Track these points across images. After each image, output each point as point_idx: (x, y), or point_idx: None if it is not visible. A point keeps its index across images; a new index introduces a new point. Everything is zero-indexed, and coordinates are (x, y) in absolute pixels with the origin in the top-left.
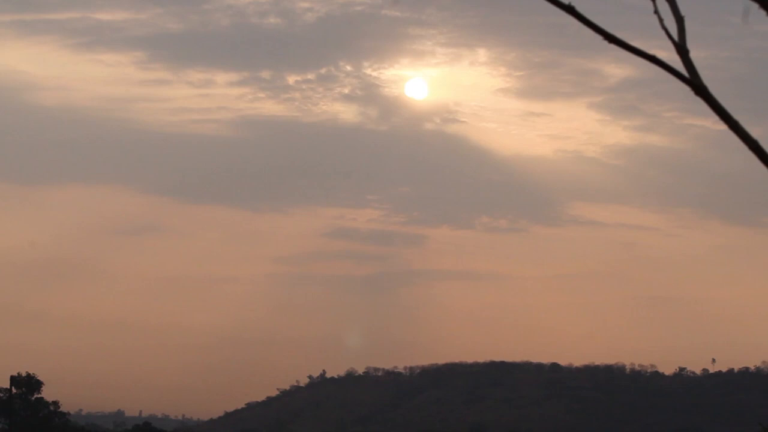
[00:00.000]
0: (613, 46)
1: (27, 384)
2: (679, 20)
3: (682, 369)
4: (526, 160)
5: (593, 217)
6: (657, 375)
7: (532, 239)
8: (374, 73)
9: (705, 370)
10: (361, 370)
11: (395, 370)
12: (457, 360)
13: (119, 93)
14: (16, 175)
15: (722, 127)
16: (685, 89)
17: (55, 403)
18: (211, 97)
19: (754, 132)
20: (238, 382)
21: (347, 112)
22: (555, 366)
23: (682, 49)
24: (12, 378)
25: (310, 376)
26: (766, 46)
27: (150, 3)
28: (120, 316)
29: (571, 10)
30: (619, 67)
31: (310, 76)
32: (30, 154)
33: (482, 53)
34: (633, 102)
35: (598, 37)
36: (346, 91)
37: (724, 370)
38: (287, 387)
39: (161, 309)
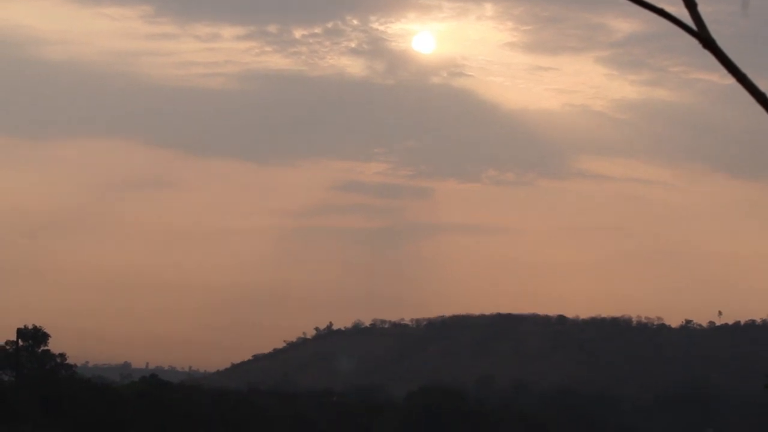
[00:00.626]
0: (621, 0)
1: (33, 337)
2: None
3: (688, 321)
4: (533, 114)
5: (600, 171)
6: (663, 327)
7: (539, 192)
8: (381, 27)
9: (711, 323)
10: (367, 323)
11: (402, 323)
12: (463, 312)
13: (125, 47)
14: (22, 130)
15: (730, 81)
16: (693, 43)
17: (62, 356)
18: (218, 51)
19: (762, 85)
20: (244, 334)
21: (354, 66)
22: (561, 318)
23: (690, 3)
24: (19, 331)
25: (316, 329)
26: None
27: None
28: (127, 268)
29: None
30: (626, 22)
31: (317, 30)
32: (36, 109)
33: (489, 7)
34: (640, 56)
35: None
36: (353, 45)
37: (730, 322)
38: (294, 339)
39: (168, 262)
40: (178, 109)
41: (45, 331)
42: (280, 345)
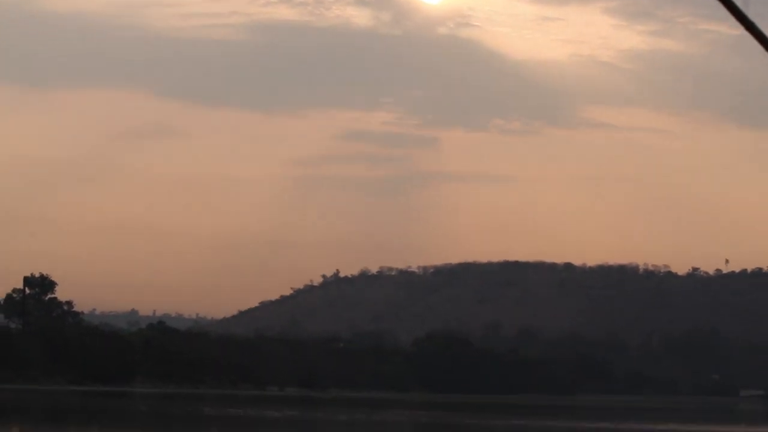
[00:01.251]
0: None
1: (40, 284)
2: None
3: (695, 269)
4: (540, 64)
5: (607, 120)
6: (670, 275)
7: (545, 141)
8: None
9: (718, 270)
10: (374, 270)
11: (409, 270)
12: (470, 259)
13: None
14: (30, 79)
15: (738, 32)
16: None
17: (69, 303)
18: (224, 2)
19: None
20: (251, 281)
21: (360, 17)
22: (568, 266)
23: None
24: (26, 279)
25: (323, 276)
26: None
27: None
28: (134, 217)
29: None
30: None
31: None
32: (43, 60)
33: None
34: (648, 7)
35: None
36: None
37: (736, 270)
38: (301, 286)
39: (175, 210)
40: (184, 60)
41: (52, 279)
42: (287, 292)
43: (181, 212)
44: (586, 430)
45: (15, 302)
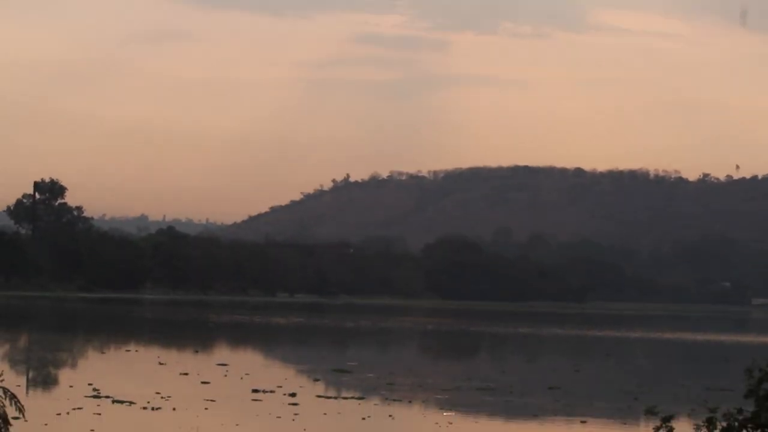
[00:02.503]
0: None
1: (50, 189)
2: None
3: (705, 175)
4: None
5: (618, 24)
6: (681, 180)
7: (555, 45)
8: None
9: (729, 176)
10: (384, 174)
11: (419, 174)
12: (481, 164)
13: None
14: None
15: None
16: None
17: (79, 209)
18: None
19: None
20: (261, 186)
21: None
22: (578, 171)
23: None
24: (35, 183)
25: (333, 180)
26: None
27: None
28: (143, 120)
29: None
30: None
31: None
32: None
33: None
34: None
35: None
36: None
37: (747, 176)
38: (311, 191)
39: (185, 113)
40: None
41: (62, 184)
42: (297, 197)
43: (190, 116)
44: (593, 339)
45: (25, 208)
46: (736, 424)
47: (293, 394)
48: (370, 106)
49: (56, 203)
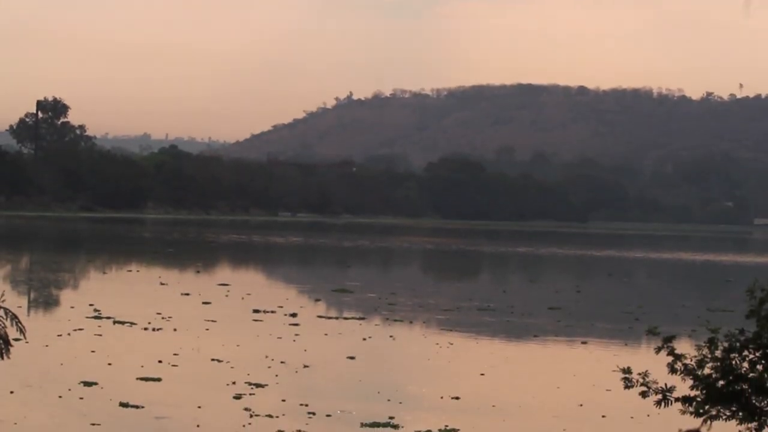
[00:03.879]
0: None
1: (53, 108)
2: None
3: (709, 94)
4: None
5: None
6: (684, 99)
7: None
8: None
9: (732, 95)
10: (387, 92)
11: (422, 92)
12: (484, 82)
13: None
14: None
15: None
16: None
17: (82, 128)
18: None
19: None
20: (264, 104)
21: None
22: (582, 89)
23: None
24: (38, 103)
25: (336, 98)
26: None
27: None
28: (145, 38)
29: None
30: None
31: None
32: None
33: None
34: None
35: None
36: None
37: (751, 95)
38: (314, 109)
39: (188, 33)
40: None
41: (65, 103)
42: (300, 115)
43: (194, 35)
44: (595, 259)
45: (28, 127)
46: (738, 344)
47: (294, 315)
48: (372, 24)
49: (59, 122)
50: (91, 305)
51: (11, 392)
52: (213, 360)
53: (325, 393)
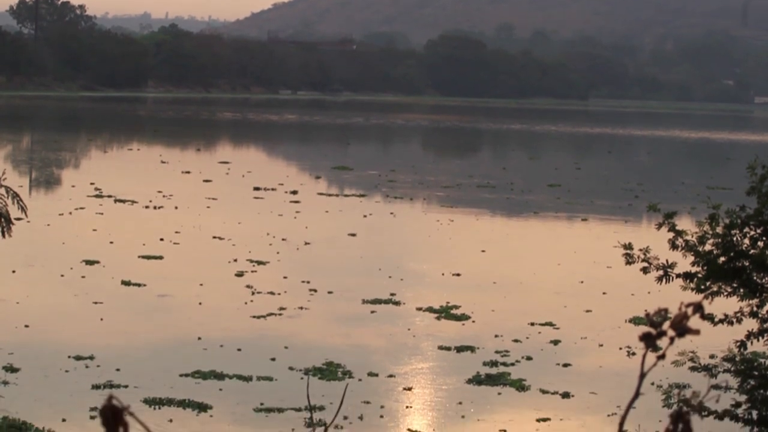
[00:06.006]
0: None
1: None
2: None
3: None
4: None
5: None
6: None
7: None
8: None
9: None
10: None
11: None
12: None
13: None
14: None
15: None
16: None
17: (81, 7)
18: None
19: None
20: None
21: None
22: None
23: None
24: None
25: None
26: None
27: None
28: None
29: None
30: None
31: None
32: None
33: None
34: None
35: None
36: None
37: None
38: None
39: None
40: None
41: None
42: None
43: None
44: (595, 136)
45: (27, 7)
46: (739, 221)
47: (294, 192)
48: None
49: (59, 2)
50: (92, 184)
51: (13, 271)
52: (214, 238)
53: (327, 270)
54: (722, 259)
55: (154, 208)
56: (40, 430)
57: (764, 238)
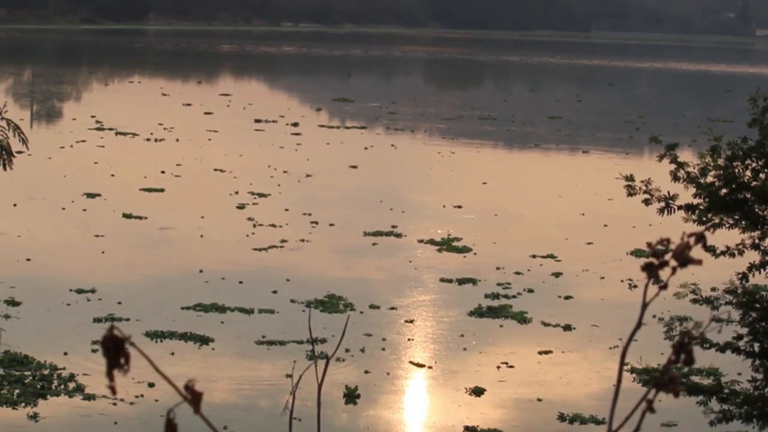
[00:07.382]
0: None
1: None
2: None
3: None
4: None
5: None
6: None
7: None
8: None
9: None
10: None
11: None
12: None
13: None
14: None
15: None
16: None
17: None
18: None
19: None
20: None
21: None
22: None
23: None
24: None
25: None
26: None
27: None
28: None
29: None
30: None
31: None
32: None
33: None
34: None
35: None
36: None
37: None
38: None
39: None
40: None
41: None
42: None
43: None
44: (596, 68)
45: None
46: (741, 153)
47: (296, 124)
48: None
49: None
50: (93, 117)
51: (14, 204)
52: (215, 170)
53: (328, 202)
54: (724, 191)
55: (155, 140)
56: (41, 363)
57: (766, 170)
